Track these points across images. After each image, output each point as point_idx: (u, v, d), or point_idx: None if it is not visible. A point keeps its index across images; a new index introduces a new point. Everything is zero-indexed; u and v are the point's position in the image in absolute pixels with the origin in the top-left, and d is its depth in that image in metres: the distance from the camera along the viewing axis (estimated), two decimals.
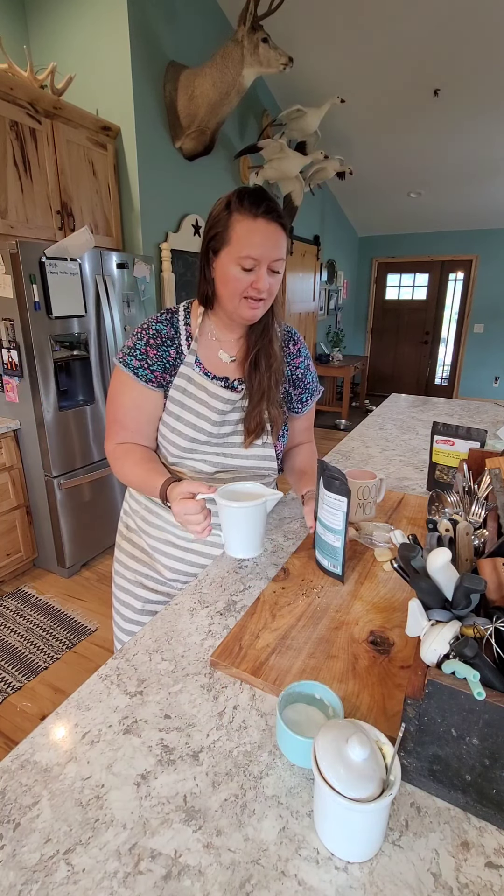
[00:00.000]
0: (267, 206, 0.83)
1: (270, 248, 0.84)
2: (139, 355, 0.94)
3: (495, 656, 0.53)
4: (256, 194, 0.84)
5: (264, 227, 0.83)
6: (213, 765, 0.56)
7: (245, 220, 0.82)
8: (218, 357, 0.98)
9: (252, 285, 0.86)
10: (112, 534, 2.83)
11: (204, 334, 0.98)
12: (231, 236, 0.84)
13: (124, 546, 1.13)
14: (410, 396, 2.68)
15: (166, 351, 0.95)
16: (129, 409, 0.97)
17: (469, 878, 0.45)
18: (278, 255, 0.86)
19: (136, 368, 0.93)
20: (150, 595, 1.09)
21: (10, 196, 2.27)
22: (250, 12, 2.50)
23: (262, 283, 0.85)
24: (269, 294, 0.89)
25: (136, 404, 0.96)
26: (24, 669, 1.99)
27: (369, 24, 3.11)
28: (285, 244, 0.87)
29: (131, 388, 0.95)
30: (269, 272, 0.86)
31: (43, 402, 2.33)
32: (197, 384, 0.95)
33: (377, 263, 7.24)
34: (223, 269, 0.87)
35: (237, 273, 0.85)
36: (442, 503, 0.96)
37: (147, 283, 2.84)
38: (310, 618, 0.79)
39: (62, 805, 0.51)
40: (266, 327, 0.97)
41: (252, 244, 0.83)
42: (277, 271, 0.88)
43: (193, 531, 0.82)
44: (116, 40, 2.63)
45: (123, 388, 0.96)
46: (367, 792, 0.44)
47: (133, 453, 0.97)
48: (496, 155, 4.52)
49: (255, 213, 0.82)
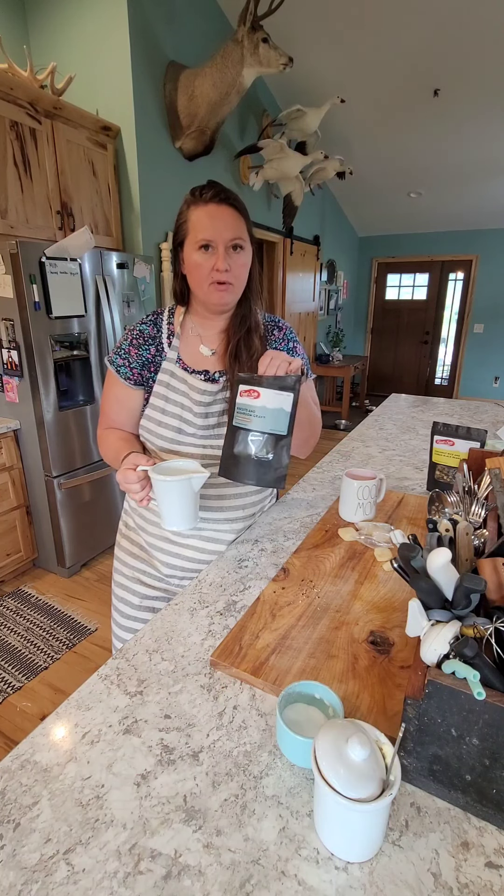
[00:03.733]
0: (214, 191, 0.90)
1: (222, 229, 0.89)
2: (123, 354, 1.01)
3: (495, 656, 0.53)
4: (207, 185, 0.91)
5: (214, 209, 0.89)
6: (213, 765, 0.56)
7: (198, 207, 0.90)
8: (199, 352, 1.03)
9: (214, 267, 0.90)
10: (112, 534, 2.83)
11: (185, 331, 1.03)
12: (189, 227, 0.91)
13: (123, 543, 1.16)
14: (410, 396, 2.68)
15: (146, 349, 1.01)
16: (113, 404, 1.05)
17: (469, 878, 0.45)
18: (233, 234, 0.90)
19: (118, 367, 1.01)
20: (148, 591, 1.11)
21: (10, 196, 2.27)
22: (250, 12, 2.50)
23: (221, 263, 0.90)
24: (233, 277, 0.92)
25: (118, 400, 1.04)
26: (24, 669, 1.99)
27: (369, 24, 3.11)
28: (243, 226, 0.92)
29: (115, 385, 1.03)
30: (229, 253, 0.90)
31: (43, 402, 2.33)
32: (179, 378, 1.00)
33: (377, 263, 7.24)
34: (189, 258, 0.93)
35: (198, 258, 0.91)
36: (442, 503, 0.96)
37: (147, 283, 2.84)
38: (310, 618, 0.79)
39: (62, 805, 0.51)
40: (244, 319, 1.02)
41: (205, 227, 0.89)
42: (240, 248, 0.92)
43: (133, 498, 0.90)
44: (116, 40, 2.63)
45: (109, 385, 1.05)
46: (367, 792, 0.44)
47: (112, 433, 1.05)
48: (496, 155, 4.52)
49: (206, 200, 0.89)
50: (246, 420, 0.84)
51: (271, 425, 0.83)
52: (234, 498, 1.07)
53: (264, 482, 0.87)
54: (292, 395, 0.83)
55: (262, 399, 0.82)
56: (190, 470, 0.88)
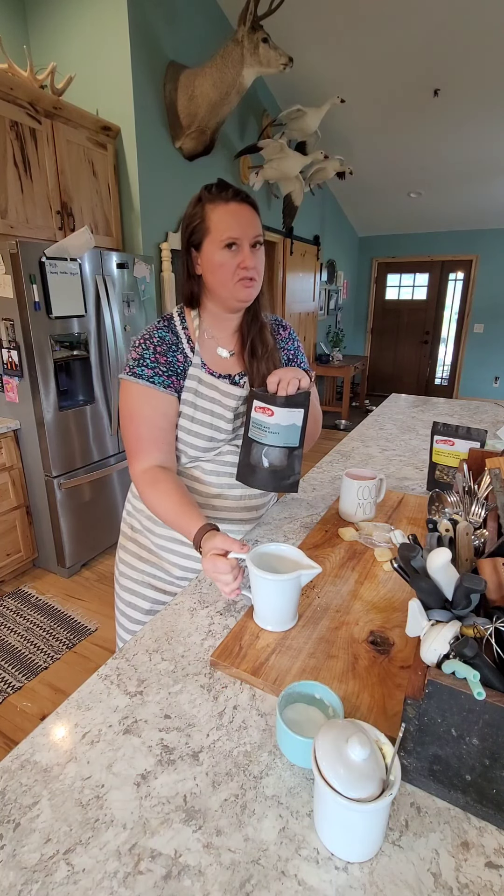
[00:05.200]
0: (234, 190, 0.89)
1: (247, 226, 0.89)
2: (150, 364, 0.93)
3: (495, 656, 0.53)
4: (222, 184, 0.90)
5: (237, 208, 0.89)
6: (213, 765, 0.56)
7: (218, 206, 0.88)
8: (217, 354, 1.01)
9: (240, 265, 0.90)
10: (112, 534, 2.83)
11: (201, 335, 1.00)
12: (209, 225, 0.89)
13: (129, 547, 1.12)
14: (410, 396, 2.68)
15: (174, 356, 0.96)
16: (155, 419, 0.94)
17: (469, 878, 0.45)
18: (256, 232, 0.90)
19: (150, 378, 0.93)
20: (159, 595, 1.08)
21: (10, 196, 2.27)
22: (250, 12, 2.50)
23: (250, 261, 0.90)
24: (258, 274, 0.93)
25: (160, 413, 0.94)
26: (24, 669, 1.99)
27: (369, 24, 3.11)
28: (260, 224, 0.92)
29: (150, 398, 0.93)
30: (252, 249, 0.91)
31: (43, 402, 2.33)
32: (207, 384, 0.97)
33: (377, 263, 7.24)
34: (209, 258, 0.91)
35: (223, 257, 0.89)
36: (442, 503, 0.96)
37: (147, 283, 2.84)
38: (310, 618, 0.79)
39: (62, 805, 0.51)
40: (255, 315, 1.02)
41: (230, 226, 0.88)
42: (259, 245, 0.92)
43: (223, 590, 0.79)
44: (116, 40, 2.63)
45: (141, 401, 0.93)
46: (367, 792, 0.44)
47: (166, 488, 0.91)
48: (496, 155, 4.52)
49: (227, 198, 0.88)
50: (261, 435, 0.88)
51: (284, 440, 0.87)
52: (248, 499, 1.07)
53: (280, 488, 0.93)
54: (303, 410, 0.87)
55: (276, 417, 0.86)
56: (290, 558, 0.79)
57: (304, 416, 0.88)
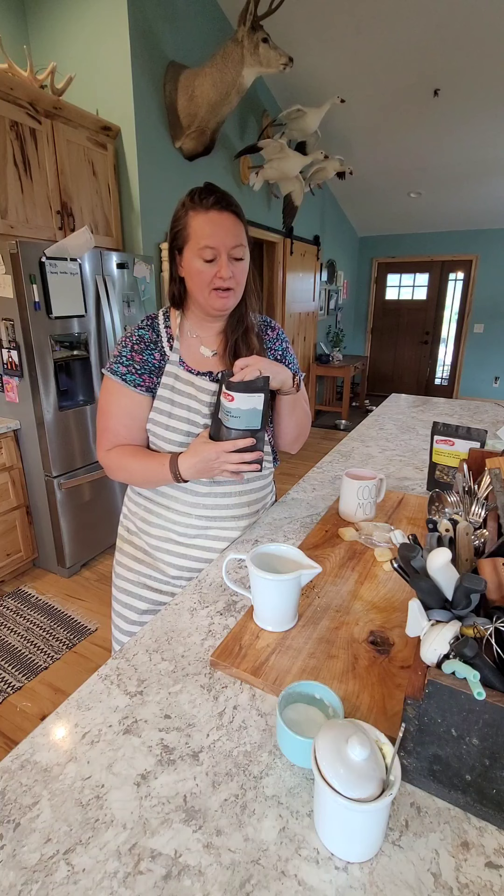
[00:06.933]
0: (216, 198, 0.88)
1: (224, 236, 0.88)
2: (125, 362, 0.97)
3: (495, 656, 0.53)
4: (206, 189, 0.89)
5: (216, 217, 0.88)
6: (213, 765, 0.56)
7: (198, 214, 0.88)
8: (200, 353, 1.02)
9: (216, 275, 0.90)
10: (112, 534, 2.83)
11: (184, 333, 1.02)
12: (189, 232, 0.89)
13: (125, 549, 1.13)
14: (410, 396, 2.68)
15: (151, 355, 0.99)
16: (121, 417, 0.99)
17: (469, 878, 0.45)
18: (235, 242, 0.90)
19: (123, 375, 0.97)
20: (154, 596, 1.09)
21: (10, 196, 2.27)
22: (250, 12, 2.50)
23: (225, 272, 0.90)
24: (236, 283, 0.93)
25: (126, 412, 0.99)
26: (24, 669, 1.99)
27: (369, 24, 3.11)
28: (242, 231, 0.92)
29: (121, 396, 0.98)
30: (231, 260, 0.90)
31: (43, 402, 2.33)
32: (184, 381, 0.99)
33: (377, 263, 7.24)
34: (189, 264, 0.92)
35: (200, 265, 0.90)
36: (442, 503, 0.96)
37: (147, 283, 2.84)
38: (310, 618, 0.79)
39: (62, 805, 0.51)
40: (241, 318, 1.02)
41: (207, 235, 0.88)
42: (240, 258, 0.92)
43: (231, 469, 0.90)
44: (116, 40, 2.63)
45: (113, 397, 0.99)
46: (367, 792, 0.44)
47: (127, 450, 1.00)
48: (496, 155, 4.52)
49: (207, 206, 0.88)
50: (225, 419, 0.91)
51: (246, 423, 0.91)
52: (239, 495, 1.07)
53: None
54: (262, 394, 0.89)
55: (237, 402, 0.88)
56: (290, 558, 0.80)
57: (264, 401, 0.90)
